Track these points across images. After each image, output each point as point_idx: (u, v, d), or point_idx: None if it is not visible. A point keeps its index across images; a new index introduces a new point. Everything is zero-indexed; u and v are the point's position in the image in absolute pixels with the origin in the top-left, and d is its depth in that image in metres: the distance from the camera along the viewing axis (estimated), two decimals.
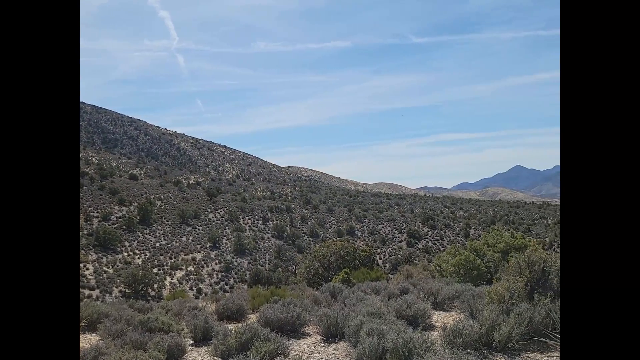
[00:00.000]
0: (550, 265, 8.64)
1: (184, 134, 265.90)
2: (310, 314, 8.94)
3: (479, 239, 22.60)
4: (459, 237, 79.30)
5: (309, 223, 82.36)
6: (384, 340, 5.94)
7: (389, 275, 33.39)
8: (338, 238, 63.91)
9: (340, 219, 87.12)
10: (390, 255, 69.95)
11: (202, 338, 8.07)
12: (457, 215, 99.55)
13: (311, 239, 75.01)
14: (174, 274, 55.56)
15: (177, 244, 65.17)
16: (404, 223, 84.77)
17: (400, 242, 77.65)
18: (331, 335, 7.86)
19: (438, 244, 77.07)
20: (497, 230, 23.92)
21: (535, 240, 34.39)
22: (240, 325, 7.76)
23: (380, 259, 64.78)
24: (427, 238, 79.49)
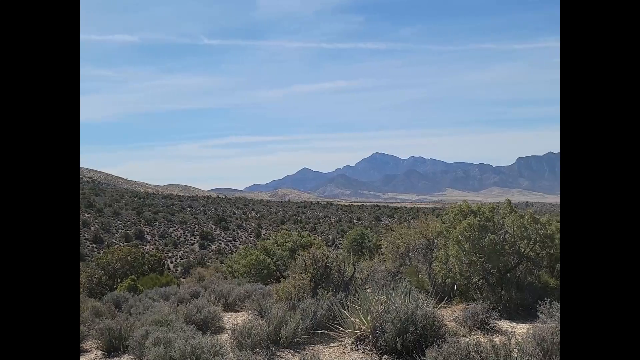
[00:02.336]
0: (332, 261, 9.28)
1: None
2: (90, 328, 8.17)
3: (270, 238, 23.34)
4: (251, 237, 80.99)
5: (92, 228, 75.83)
6: (171, 349, 5.69)
7: (181, 279, 32.49)
8: (125, 243, 60.07)
9: (128, 222, 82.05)
10: (182, 259, 68.13)
11: None
12: (249, 216, 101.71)
13: (94, 245, 69.13)
14: None
15: None
16: (196, 225, 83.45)
17: (192, 244, 76.20)
18: (114, 349, 7.28)
19: (231, 245, 77.62)
20: (286, 229, 24.96)
21: (320, 238, 36.80)
22: None
23: (171, 262, 62.68)
24: (220, 239, 79.50)
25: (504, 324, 8.04)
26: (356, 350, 6.53)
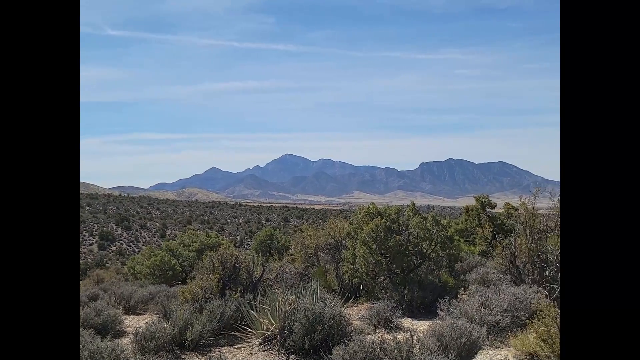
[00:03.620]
0: (241, 261, 9.18)
1: None
2: None
3: (176, 239, 22.61)
4: (155, 237, 78.10)
5: None
6: None
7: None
8: None
9: None
10: (80, 260, 64.35)
11: None
12: (154, 215, 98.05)
13: None
14: None
15: None
16: (95, 224, 79.12)
17: (91, 244, 72.17)
18: None
19: (133, 245, 74.40)
20: (193, 229, 24.36)
21: (228, 238, 36.25)
22: None
23: None
24: (122, 240, 75.97)
25: (407, 322, 8.37)
26: (264, 351, 6.50)
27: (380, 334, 7.19)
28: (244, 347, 6.79)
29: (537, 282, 9.11)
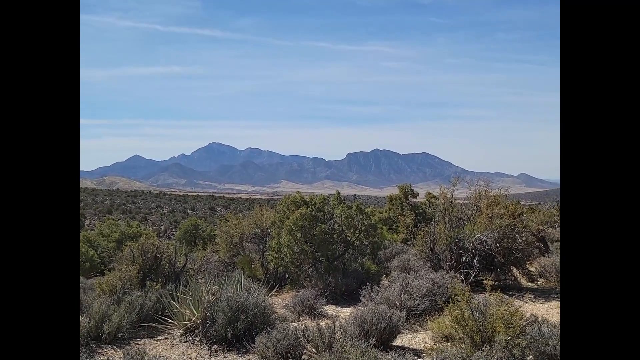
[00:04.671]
0: (163, 252, 8.93)
1: None
2: None
3: (94, 229, 21.65)
4: None
5: None
6: None
7: None
8: None
9: None
10: None
11: None
12: None
13: None
14: None
15: None
16: None
17: None
18: None
19: None
20: (113, 219, 23.42)
21: (151, 228, 35.19)
22: None
23: None
24: None
25: (330, 309, 8.50)
26: (185, 342, 6.37)
27: (304, 322, 7.25)
28: (165, 339, 6.62)
29: (454, 267, 9.54)
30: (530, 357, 4.57)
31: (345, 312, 7.92)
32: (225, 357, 5.82)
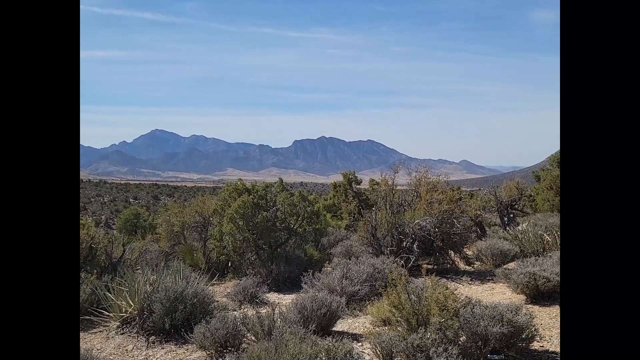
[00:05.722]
0: (99, 242, 8.64)
1: None
2: None
3: None
4: None
5: None
6: None
7: None
8: None
9: None
10: None
11: None
12: None
13: None
14: None
15: None
16: None
17: None
18: None
19: None
20: None
21: (91, 219, 34.03)
22: None
23: None
24: None
25: (273, 296, 8.48)
26: (122, 334, 6.20)
27: (245, 310, 7.21)
28: (100, 332, 6.42)
29: (395, 252, 9.73)
30: (463, 337, 4.72)
31: (287, 299, 7.93)
32: (163, 348, 5.71)
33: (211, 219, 10.96)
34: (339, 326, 6.24)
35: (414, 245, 9.72)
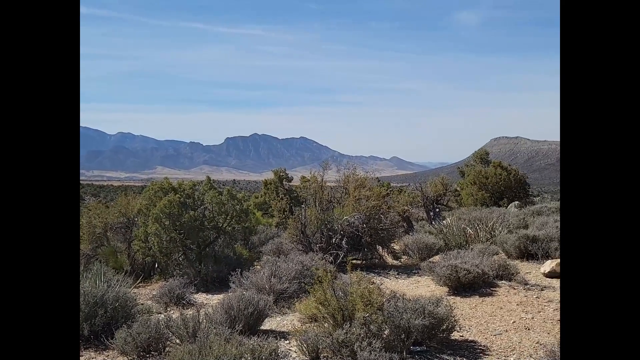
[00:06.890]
0: None
1: None
2: None
3: None
4: None
5: None
6: None
7: None
8: None
9: None
10: None
11: None
12: None
13: None
14: None
15: None
16: None
17: None
18: None
19: None
20: None
21: None
22: None
23: None
24: None
25: (201, 297, 8.32)
26: None
27: (171, 312, 7.03)
28: None
29: (325, 249, 9.81)
30: (387, 331, 4.83)
31: (215, 300, 7.80)
32: (82, 356, 5.45)
33: (136, 219, 10.59)
34: (267, 325, 6.21)
35: (343, 242, 9.85)
